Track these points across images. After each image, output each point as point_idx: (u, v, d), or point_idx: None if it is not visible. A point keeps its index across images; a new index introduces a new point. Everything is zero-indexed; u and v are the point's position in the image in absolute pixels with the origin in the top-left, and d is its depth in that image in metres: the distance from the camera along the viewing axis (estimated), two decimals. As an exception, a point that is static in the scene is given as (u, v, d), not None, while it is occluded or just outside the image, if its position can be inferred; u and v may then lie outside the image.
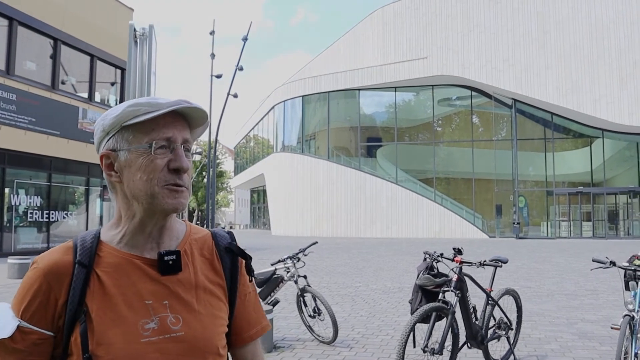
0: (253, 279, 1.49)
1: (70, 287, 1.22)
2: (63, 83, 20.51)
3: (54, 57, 20.05)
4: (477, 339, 5.26)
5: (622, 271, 4.92)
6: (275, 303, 6.70)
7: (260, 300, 6.65)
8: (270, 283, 6.86)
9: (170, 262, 1.28)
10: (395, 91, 37.41)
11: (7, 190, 18.60)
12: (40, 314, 1.22)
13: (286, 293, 9.86)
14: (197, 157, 27.56)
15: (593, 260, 5.01)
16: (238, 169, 62.97)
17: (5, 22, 17.94)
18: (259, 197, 60.38)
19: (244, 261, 1.45)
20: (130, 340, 1.20)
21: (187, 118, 1.31)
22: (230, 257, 1.42)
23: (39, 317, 1.22)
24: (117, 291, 1.24)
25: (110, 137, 1.28)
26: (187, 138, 1.30)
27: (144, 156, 1.24)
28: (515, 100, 34.45)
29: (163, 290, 1.27)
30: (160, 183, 1.24)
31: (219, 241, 1.42)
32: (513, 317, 5.93)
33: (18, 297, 1.24)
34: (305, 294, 6.88)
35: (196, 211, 68.28)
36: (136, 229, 1.29)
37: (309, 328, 6.88)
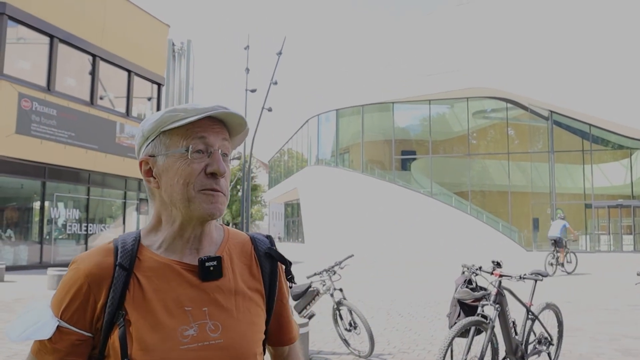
0: (292, 285, 1.49)
1: (110, 289, 1.22)
2: (101, 98, 20.93)
3: (93, 73, 20.48)
4: (517, 354, 5.17)
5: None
6: (311, 316, 6.67)
7: (296, 312, 6.65)
8: (306, 296, 6.84)
9: (211, 269, 1.28)
10: (430, 104, 37.21)
11: (47, 203, 19.02)
12: (79, 314, 1.22)
13: (322, 306, 9.83)
14: (235, 163, 27.56)
15: (638, 274, 4.89)
16: (272, 183, 63.28)
17: (46, 39, 18.41)
18: (292, 210, 60.47)
19: (283, 266, 1.44)
20: (169, 346, 1.20)
21: (226, 124, 1.31)
22: (270, 262, 1.41)
23: (78, 317, 1.22)
24: (156, 296, 1.24)
25: (149, 143, 1.30)
26: (225, 143, 1.30)
27: (181, 160, 1.25)
28: (551, 111, 33.94)
29: (203, 296, 1.27)
30: (197, 188, 1.24)
31: (259, 246, 1.42)
32: (554, 332, 5.81)
33: (58, 297, 1.25)
34: (341, 307, 6.84)
35: (230, 224, 68.82)
36: (175, 234, 1.29)
37: (345, 342, 6.83)
